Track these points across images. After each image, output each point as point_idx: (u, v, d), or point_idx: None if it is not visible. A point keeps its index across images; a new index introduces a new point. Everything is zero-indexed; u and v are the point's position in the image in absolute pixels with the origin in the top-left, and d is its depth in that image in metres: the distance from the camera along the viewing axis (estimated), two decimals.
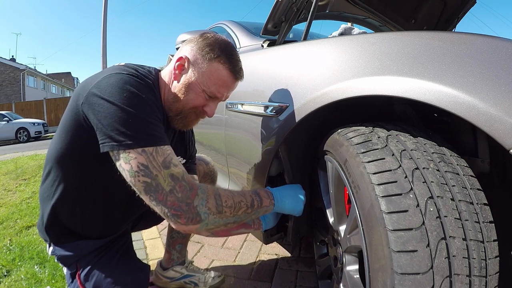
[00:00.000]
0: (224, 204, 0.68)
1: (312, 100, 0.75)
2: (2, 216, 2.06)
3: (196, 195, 0.65)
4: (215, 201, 0.67)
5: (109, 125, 0.62)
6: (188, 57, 0.77)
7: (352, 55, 0.68)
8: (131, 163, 0.62)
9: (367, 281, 0.58)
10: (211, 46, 0.76)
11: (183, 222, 0.63)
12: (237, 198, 0.72)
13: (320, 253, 1.06)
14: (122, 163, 0.62)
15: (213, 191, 0.68)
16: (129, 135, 0.62)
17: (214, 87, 0.77)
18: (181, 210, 0.62)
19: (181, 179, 0.64)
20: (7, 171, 3.65)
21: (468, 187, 0.52)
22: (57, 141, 0.74)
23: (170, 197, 0.62)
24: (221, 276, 1.16)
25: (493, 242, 0.50)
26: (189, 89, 0.77)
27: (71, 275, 0.81)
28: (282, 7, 1.16)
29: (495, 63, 0.47)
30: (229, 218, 0.70)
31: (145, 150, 0.62)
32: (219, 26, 1.86)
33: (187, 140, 1.00)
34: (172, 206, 0.62)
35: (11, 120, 10.97)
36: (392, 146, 0.58)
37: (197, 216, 0.64)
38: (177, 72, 0.78)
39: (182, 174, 0.65)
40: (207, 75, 0.76)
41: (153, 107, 0.68)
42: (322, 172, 0.91)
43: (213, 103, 0.81)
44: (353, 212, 0.64)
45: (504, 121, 0.43)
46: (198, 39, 0.78)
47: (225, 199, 0.69)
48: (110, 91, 0.64)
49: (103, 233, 0.84)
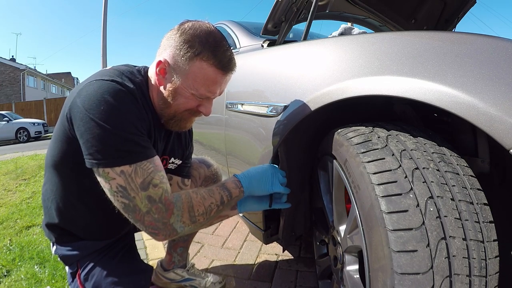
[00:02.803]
0: (197, 213, 0.70)
1: (312, 100, 0.75)
2: (2, 216, 2.05)
3: (172, 214, 0.66)
4: (188, 214, 0.69)
5: (88, 141, 0.62)
6: (168, 60, 0.70)
7: (352, 55, 0.68)
8: (110, 183, 0.63)
9: (367, 281, 0.58)
10: (189, 42, 0.67)
11: (161, 238, 0.68)
12: (207, 202, 0.73)
13: (320, 253, 1.06)
14: (103, 181, 0.64)
15: (187, 204, 0.69)
16: (107, 154, 0.62)
17: (203, 89, 0.71)
18: (158, 229, 0.66)
19: (158, 201, 0.65)
20: (7, 171, 3.65)
21: (468, 187, 0.52)
22: (51, 148, 0.74)
23: (147, 217, 0.65)
24: (222, 282, 1.15)
25: (493, 242, 0.50)
26: (176, 94, 0.72)
27: (71, 275, 0.82)
28: (282, 7, 1.16)
29: (495, 63, 0.47)
30: (203, 222, 0.73)
31: (123, 171, 0.63)
32: (219, 26, 1.86)
33: (185, 139, 0.97)
34: (149, 226, 0.65)
35: (11, 120, 10.97)
36: (392, 146, 0.58)
37: (174, 231, 0.68)
38: (161, 77, 0.72)
39: (160, 194, 0.65)
40: (192, 77, 0.69)
41: (131, 118, 0.65)
42: (322, 172, 0.92)
43: (207, 102, 0.76)
44: (353, 212, 0.64)
45: (504, 121, 0.43)
46: (175, 34, 0.70)
47: (197, 208, 0.70)
48: (89, 103, 0.63)
49: (105, 236, 0.84)
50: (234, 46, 1.52)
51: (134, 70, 0.76)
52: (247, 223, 1.21)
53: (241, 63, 1.23)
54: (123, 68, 0.74)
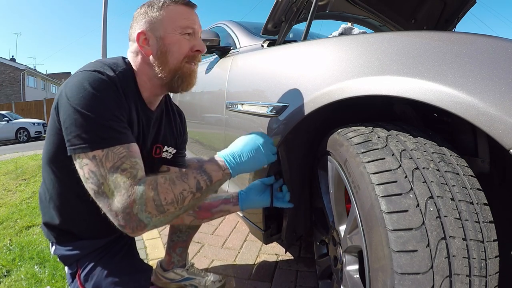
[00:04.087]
0: (164, 202, 0.64)
1: (312, 100, 0.75)
2: (2, 216, 2.05)
3: (134, 202, 0.62)
4: (153, 203, 0.63)
5: (68, 128, 0.64)
6: (143, 29, 0.76)
7: (352, 55, 0.68)
8: (83, 169, 0.63)
9: (367, 281, 0.58)
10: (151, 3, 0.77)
11: (129, 231, 0.63)
12: (178, 189, 0.66)
13: (320, 253, 1.06)
14: (78, 168, 0.64)
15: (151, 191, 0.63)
16: (83, 137, 0.63)
17: (183, 22, 0.76)
18: (124, 220, 0.62)
19: (122, 186, 0.62)
20: (7, 171, 3.65)
21: (468, 187, 0.52)
22: (46, 143, 0.75)
23: (113, 207, 0.62)
24: (222, 281, 1.15)
25: (493, 242, 0.50)
26: (168, 47, 0.75)
27: (71, 275, 0.81)
28: (282, 7, 1.16)
29: (495, 63, 0.47)
30: (176, 212, 0.66)
31: (95, 156, 0.63)
32: (219, 26, 1.86)
33: (177, 127, 0.97)
34: (116, 217, 0.62)
35: (11, 120, 10.96)
36: (392, 146, 0.58)
37: (140, 223, 0.62)
38: (146, 47, 0.76)
39: (126, 180, 0.62)
40: (169, 21, 0.75)
41: (109, 104, 0.66)
42: (322, 172, 0.92)
43: (196, 40, 0.79)
44: (353, 212, 0.64)
45: (504, 121, 0.43)
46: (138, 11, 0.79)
47: (164, 196, 0.64)
48: (70, 92, 0.65)
49: (104, 233, 0.83)
50: (234, 46, 1.52)
51: (119, 61, 0.78)
52: (247, 223, 1.21)
53: (241, 63, 1.23)
54: (108, 60, 0.77)
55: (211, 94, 1.47)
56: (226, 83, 1.28)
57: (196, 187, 0.68)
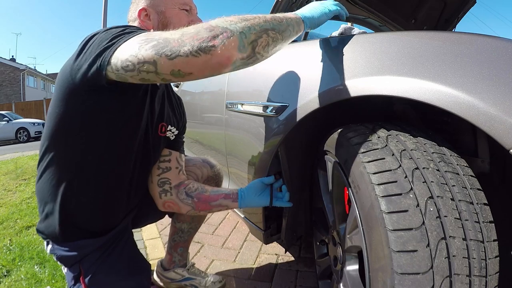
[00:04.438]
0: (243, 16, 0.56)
1: (312, 100, 0.75)
2: (2, 216, 2.06)
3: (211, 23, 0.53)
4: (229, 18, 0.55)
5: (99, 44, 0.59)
6: (144, 6, 0.80)
7: (352, 55, 0.68)
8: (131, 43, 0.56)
9: (367, 281, 0.58)
10: None
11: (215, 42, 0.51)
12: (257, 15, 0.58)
13: (320, 253, 1.06)
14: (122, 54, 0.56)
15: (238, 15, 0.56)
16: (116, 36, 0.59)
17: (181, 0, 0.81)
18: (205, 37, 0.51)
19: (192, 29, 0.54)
20: (7, 171, 3.65)
21: (468, 187, 0.52)
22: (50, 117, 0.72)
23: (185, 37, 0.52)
24: (222, 281, 1.15)
25: (493, 242, 0.50)
26: (169, 20, 0.80)
27: (73, 278, 0.79)
28: (282, 7, 1.16)
29: (495, 63, 0.47)
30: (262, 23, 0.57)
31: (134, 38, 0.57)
32: None
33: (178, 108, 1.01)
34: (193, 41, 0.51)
35: (11, 120, 10.97)
36: (392, 146, 0.58)
37: (225, 29, 0.52)
38: (148, 22, 0.81)
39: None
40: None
41: None
42: (322, 172, 0.92)
43: (194, 16, 0.85)
44: (353, 212, 0.64)
45: (504, 121, 0.43)
46: None
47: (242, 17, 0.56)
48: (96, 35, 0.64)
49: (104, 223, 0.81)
50: None
51: None
52: (247, 223, 1.21)
53: None
54: None
55: (211, 94, 1.47)
56: (226, 83, 1.28)
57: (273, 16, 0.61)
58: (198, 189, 0.94)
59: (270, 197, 0.92)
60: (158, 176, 0.93)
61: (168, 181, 0.93)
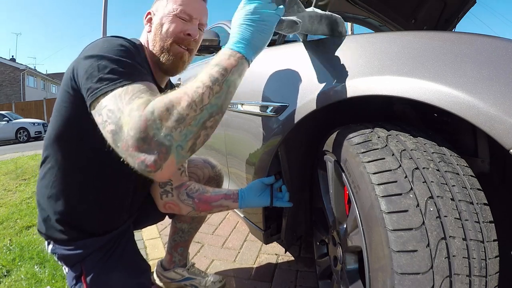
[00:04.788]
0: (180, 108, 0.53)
1: (312, 100, 0.75)
2: (2, 216, 2.06)
3: (147, 120, 0.51)
4: (167, 113, 0.52)
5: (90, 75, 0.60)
6: (150, 10, 0.84)
7: (352, 55, 0.68)
8: (102, 113, 0.57)
9: (367, 281, 0.58)
10: None
11: (154, 168, 0.51)
12: (191, 88, 0.55)
13: (320, 253, 1.06)
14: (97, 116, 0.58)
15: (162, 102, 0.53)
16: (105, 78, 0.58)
17: (181, 7, 0.79)
18: (143, 153, 0.51)
19: (136, 108, 0.53)
20: (7, 171, 3.65)
21: (468, 187, 0.52)
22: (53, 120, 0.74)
23: (129, 141, 0.52)
24: (222, 281, 1.15)
25: (493, 242, 0.50)
26: (162, 25, 0.79)
27: (75, 278, 0.79)
28: None
29: (495, 63, 0.47)
30: (198, 117, 0.54)
31: (115, 94, 0.57)
32: (219, 26, 1.86)
33: None
34: (133, 152, 0.51)
35: (11, 120, 10.96)
36: (392, 146, 0.58)
37: (161, 147, 0.51)
38: (148, 24, 0.84)
39: (141, 103, 0.54)
40: (169, 4, 0.80)
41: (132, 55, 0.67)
42: (322, 172, 0.92)
43: (192, 25, 0.81)
44: (353, 212, 0.64)
45: (504, 121, 0.43)
46: None
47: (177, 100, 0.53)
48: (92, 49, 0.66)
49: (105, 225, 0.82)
50: None
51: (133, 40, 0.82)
52: (247, 223, 1.21)
53: None
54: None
55: None
56: None
57: (211, 79, 0.57)
58: (199, 190, 0.94)
59: (271, 197, 0.92)
60: None
61: (170, 182, 0.93)
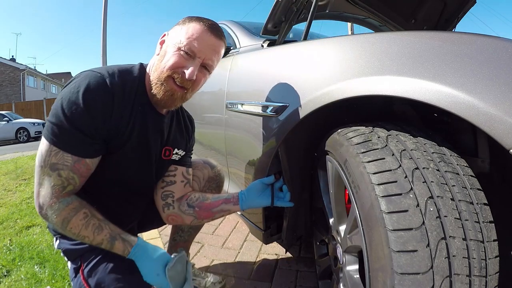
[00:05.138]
0: (69, 228, 0.73)
1: (312, 100, 0.75)
2: (2, 216, 2.05)
3: (50, 208, 0.72)
4: (61, 222, 0.72)
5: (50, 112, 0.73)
6: (168, 32, 0.84)
7: (352, 55, 0.68)
8: (41, 145, 0.73)
9: (367, 281, 0.58)
10: (188, 18, 0.82)
11: (37, 210, 0.74)
12: (85, 232, 0.73)
13: (320, 253, 1.06)
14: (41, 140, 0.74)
15: (66, 214, 0.72)
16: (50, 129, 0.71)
17: (187, 40, 0.77)
18: (38, 207, 0.73)
19: (52, 186, 0.71)
20: (7, 171, 3.65)
21: (468, 187, 0.52)
22: None
23: (39, 189, 0.73)
24: (222, 282, 1.15)
25: (493, 242, 0.50)
26: (165, 52, 0.79)
27: (74, 270, 0.81)
28: (282, 7, 1.16)
29: (495, 63, 0.47)
30: (71, 236, 0.75)
31: (51, 147, 0.71)
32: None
33: (187, 131, 1.00)
34: (36, 195, 0.73)
35: (11, 120, 10.96)
36: (392, 146, 0.58)
37: (46, 216, 0.73)
38: (159, 47, 0.83)
39: (56, 184, 0.72)
40: (181, 33, 0.79)
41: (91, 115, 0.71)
42: (322, 172, 0.91)
43: (192, 64, 0.77)
44: (353, 212, 0.64)
45: (504, 121, 0.43)
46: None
47: (72, 226, 0.72)
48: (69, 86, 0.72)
49: None
50: (234, 46, 1.52)
51: (134, 68, 0.83)
52: (247, 223, 1.21)
53: (241, 63, 1.23)
54: (123, 66, 0.80)
55: (211, 94, 1.46)
56: (226, 83, 1.28)
57: (97, 243, 0.75)
58: (199, 198, 0.95)
59: (271, 198, 0.92)
60: (162, 189, 0.95)
61: (172, 194, 0.95)
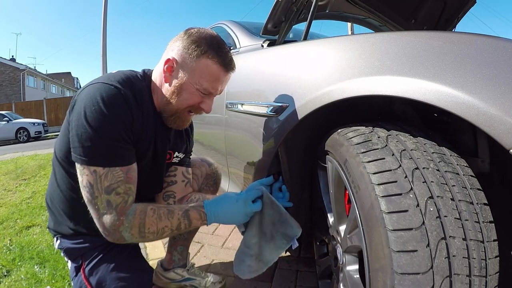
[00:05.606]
0: (147, 231, 0.73)
1: (312, 100, 0.75)
2: (2, 216, 2.06)
3: (122, 224, 0.70)
4: (138, 230, 0.72)
5: (74, 136, 0.68)
6: (176, 58, 0.77)
7: (352, 55, 0.68)
8: (82, 177, 0.69)
9: (367, 281, 0.58)
10: (196, 42, 0.76)
11: (110, 239, 0.72)
12: (161, 224, 0.74)
13: (320, 253, 1.06)
14: (78, 174, 0.70)
15: (139, 220, 0.71)
16: (87, 152, 0.67)
17: (207, 84, 0.77)
18: (108, 232, 0.70)
19: (114, 207, 0.69)
20: (7, 171, 3.65)
21: (468, 187, 0.52)
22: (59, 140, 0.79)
23: (102, 219, 0.69)
24: (222, 282, 1.15)
25: (493, 242, 0.50)
26: (182, 90, 0.77)
27: (75, 269, 0.82)
28: (282, 7, 1.16)
29: (495, 63, 0.47)
30: (154, 239, 0.76)
31: (96, 171, 0.68)
32: (219, 26, 1.86)
33: (187, 134, 1.01)
34: (103, 227, 0.70)
35: (11, 120, 10.97)
36: (392, 146, 0.58)
37: (122, 238, 0.71)
38: (167, 74, 0.78)
39: (118, 203, 0.70)
40: (198, 73, 0.76)
41: (118, 125, 0.69)
42: (322, 172, 0.91)
43: (208, 99, 0.82)
44: (353, 212, 0.64)
45: (504, 121, 0.43)
46: (182, 37, 0.78)
47: (149, 226, 0.72)
48: (85, 103, 0.68)
49: None
50: (234, 46, 1.52)
51: (139, 75, 0.82)
52: None
53: (241, 63, 1.23)
54: (128, 73, 0.79)
55: None
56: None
57: (177, 227, 0.76)
58: (200, 199, 0.96)
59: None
60: (164, 189, 0.96)
61: (173, 195, 0.96)
